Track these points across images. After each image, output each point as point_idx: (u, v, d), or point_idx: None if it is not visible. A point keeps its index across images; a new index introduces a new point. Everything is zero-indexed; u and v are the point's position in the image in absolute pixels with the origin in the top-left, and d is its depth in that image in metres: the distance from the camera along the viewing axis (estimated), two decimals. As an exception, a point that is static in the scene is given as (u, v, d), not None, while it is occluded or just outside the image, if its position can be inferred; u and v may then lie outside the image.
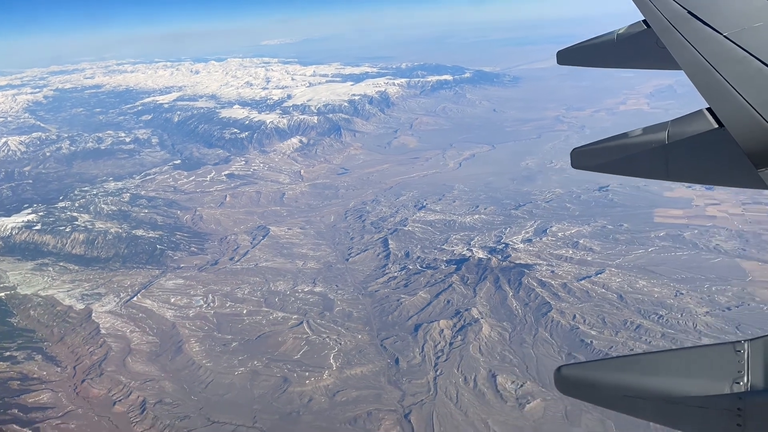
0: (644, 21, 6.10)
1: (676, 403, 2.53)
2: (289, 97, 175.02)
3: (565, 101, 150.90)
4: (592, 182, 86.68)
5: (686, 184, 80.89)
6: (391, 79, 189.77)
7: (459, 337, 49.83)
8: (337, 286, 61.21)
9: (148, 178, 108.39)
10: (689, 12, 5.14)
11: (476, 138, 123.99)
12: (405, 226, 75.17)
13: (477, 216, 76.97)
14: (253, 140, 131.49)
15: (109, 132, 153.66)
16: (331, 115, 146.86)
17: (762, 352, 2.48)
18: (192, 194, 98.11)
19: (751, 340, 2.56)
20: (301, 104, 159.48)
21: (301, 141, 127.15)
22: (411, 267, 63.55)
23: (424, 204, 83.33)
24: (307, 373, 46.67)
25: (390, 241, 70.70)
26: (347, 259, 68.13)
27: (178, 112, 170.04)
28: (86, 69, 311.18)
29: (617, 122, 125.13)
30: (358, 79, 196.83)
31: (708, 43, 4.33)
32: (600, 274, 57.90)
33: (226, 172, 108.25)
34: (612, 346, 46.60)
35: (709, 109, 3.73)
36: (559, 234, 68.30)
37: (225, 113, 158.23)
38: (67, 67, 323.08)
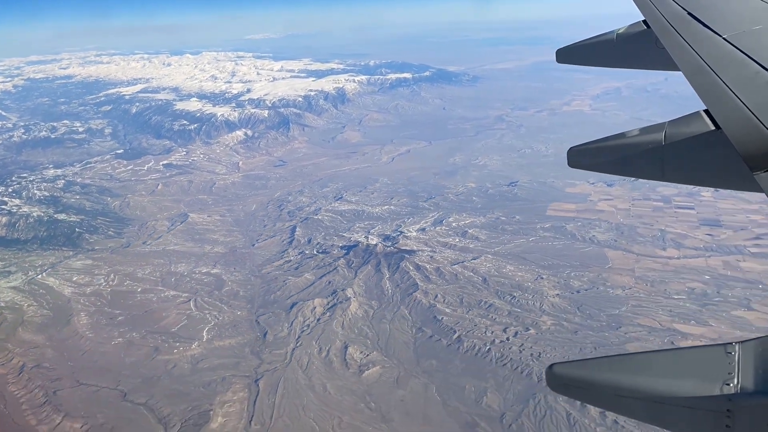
0: (644, 21, 6.18)
1: (666, 404, 2.55)
2: (249, 91, 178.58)
3: (513, 101, 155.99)
4: (505, 177, 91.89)
5: (589, 181, 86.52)
6: (353, 75, 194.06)
7: (328, 314, 54.47)
8: (234, 268, 65.61)
9: (88, 166, 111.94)
10: (689, 13, 5.21)
11: (417, 135, 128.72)
12: (317, 215, 79.73)
13: (387, 207, 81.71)
14: (201, 132, 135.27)
15: (65, 122, 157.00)
16: (283, 109, 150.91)
17: (752, 355, 2.51)
18: (126, 182, 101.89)
19: (742, 342, 2.59)
20: (257, 98, 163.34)
21: (246, 134, 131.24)
22: (307, 252, 68.11)
23: (342, 195, 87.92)
24: (178, 344, 51.07)
25: (298, 229, 75.22)
26: (253, 245, 72.54)
27: (137, 104, 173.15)
28: (64, 60, 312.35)
29: (555, 122, 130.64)
30: (321, 75, 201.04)
31: (707, 45, 4.35)
32: (475, 260, 62.85)
33: (165, 162, 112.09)
34: (458, 322, 51.44)
35: (706, 111, 3.74)
36: (454, 224, 73.20)
37: (180, 105, 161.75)
38: (47, 57, 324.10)
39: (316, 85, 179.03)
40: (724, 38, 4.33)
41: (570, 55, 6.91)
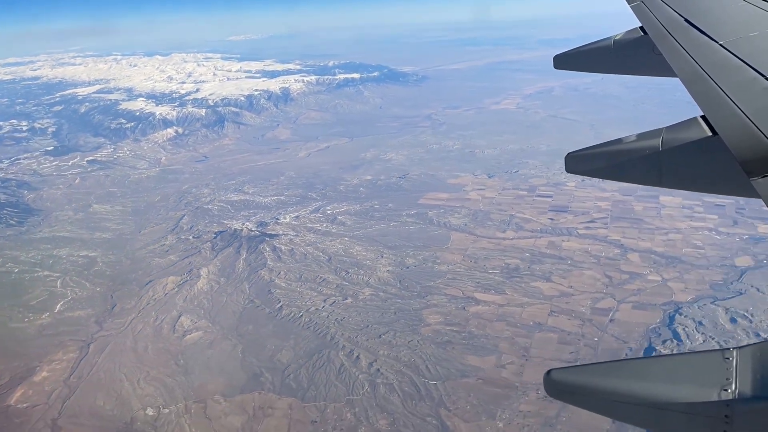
0: (641, 28, 6.30)
1: (664, 409, 2.59)
2: (197, 91, 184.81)
3: (448, 100, 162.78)
4: (400, 170, 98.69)
5: (474, 173, 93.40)
6: (304, 76, 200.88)
7: (177, 289, 60.89)
8: (112, 252, 71.95)
9: (16, 162, 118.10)
10: (686, 20, 5.35)
11: (344, 132, 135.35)
12: (208, 205, 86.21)
13: (277, 198, 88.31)
14: (136, 130, 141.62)
15: (12, 121, 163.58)
16: (221, 108, 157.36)
17: (750, 360, 2.55)
18: (47, 177, 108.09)
19: (740, 348, 2.64)
20: (201, 98, 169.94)
21: (177, 131, 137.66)
22: (183, 237, 74.55)
23: (242, 188, 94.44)
24: (31, 315, 57.37)
25: (185, 217, 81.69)
26: (140, 231, 78.89)
27: (87, 104, 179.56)
28: (39, 62, 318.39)
29: (476, 120, 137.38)
30: (275, 75, 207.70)
31: (704, 51, 4.43)
32: (331, 242, 69.44)
33: (90, 158, 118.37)
34: (288, 294, 58.00)
35: (703, 117, 3.82)
36: (329, 212, 79.83)
37: (125, 105, 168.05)
38: (24, 59, 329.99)
39: (264, 84, 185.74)
40: (720, 44, 4.39)
41: (567, 61, 7.03)
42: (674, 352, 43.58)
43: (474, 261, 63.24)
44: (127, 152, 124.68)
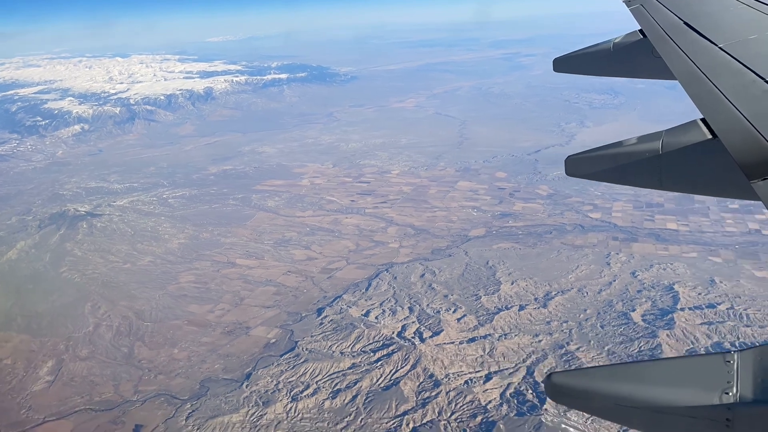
0: (640, 31, 6.49)
1: (666, 413, 2.65)
2: (127, 90, 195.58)
3: (360, 99, 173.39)
4: (261, 161, 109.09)
5: (322, 164, 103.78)
6: (236, 76, 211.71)
7: (-11, 257, 71.09)
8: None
9: None
10: (685, 23, 5.46)
11: (242, 128, 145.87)
12: (65, 191, 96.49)
13: (129, 185, 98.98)
14: (49, 127, 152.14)
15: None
16: (137, 106, 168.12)
17: (751, 364, 2.60)
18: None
19: (741, 351, 2.68)
20: (125, 97, 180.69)
21: (83, 128, 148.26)
22: (24, 218, 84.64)
23: (108, 177, 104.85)
24: None
25: (39, 201, 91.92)
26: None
27: (19, 103, 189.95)
28: (9, 63, 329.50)
29: (369, 117, 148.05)
30: (212, 75, 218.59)
31: (703, 54, 4.53)
32: (149, 219, 79.68)
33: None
34: (78, 261, 68.13)
35: (703, 120, 3.88)
36: (164, 196, 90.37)
37: (51, 104, 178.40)
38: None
39: (191, 84, 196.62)
40: (720, 47, 4.49)
41: (566, 64, 7.26)
42: (676, 355, 52.74)
43: (258, 235, 73.58)
44: (29, 147, 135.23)
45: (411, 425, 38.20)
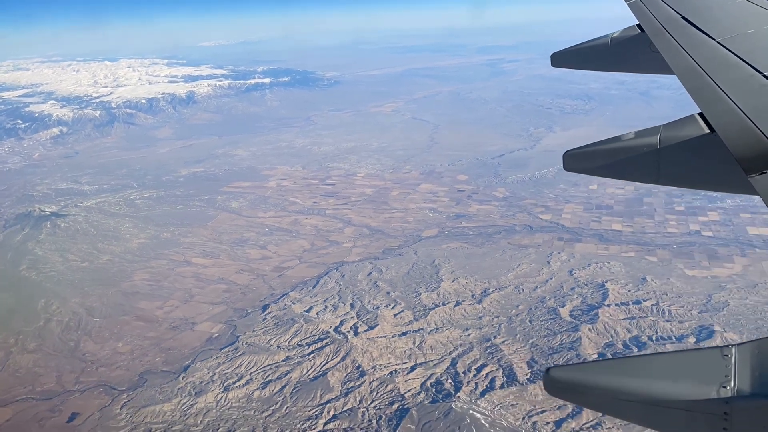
0: (638, 25, 6.53)
1: (663, 407, 2.67)
2: (110, 94, 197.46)
3: (338, 104, 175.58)
4: (232, 164, 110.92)
5: (290, 166, 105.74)
6: (219, 80, 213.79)
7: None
8: None
9: None
10: (683, 17, 5.54)
11: (220, 131, 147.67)
12: (35, 192, 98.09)
13: (99, 186, 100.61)
14: (29, 130, 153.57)
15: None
16: (118, 110, 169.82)
17: (749, 357, 2.63)
18: None
19: (738, 345, 2.71)
20: (107, 100, 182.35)
21: (61, 131, 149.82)
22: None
23: (80, 179, 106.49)
24: None
25: (8, 202, 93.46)
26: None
27: (2, 106, 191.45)
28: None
29: (346, 121, 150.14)
30: (196, 79, 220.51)
31: (701, 49, 4.58)
32: (112, 220, 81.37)
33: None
34: (37, 260, 69.74)
35: (701, 114, 3.92)
36: (132, 197, 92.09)
37: (33, 108, 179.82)
38: None
39: (174, 88, 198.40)
40: (718, 42, 4.55)
41: (564, 59, 7.28)
42: (672, 350, 54.79)
43: (218, 235, 75.41)
44: (6, 149, 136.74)
45: (332, 413, 40.07)
